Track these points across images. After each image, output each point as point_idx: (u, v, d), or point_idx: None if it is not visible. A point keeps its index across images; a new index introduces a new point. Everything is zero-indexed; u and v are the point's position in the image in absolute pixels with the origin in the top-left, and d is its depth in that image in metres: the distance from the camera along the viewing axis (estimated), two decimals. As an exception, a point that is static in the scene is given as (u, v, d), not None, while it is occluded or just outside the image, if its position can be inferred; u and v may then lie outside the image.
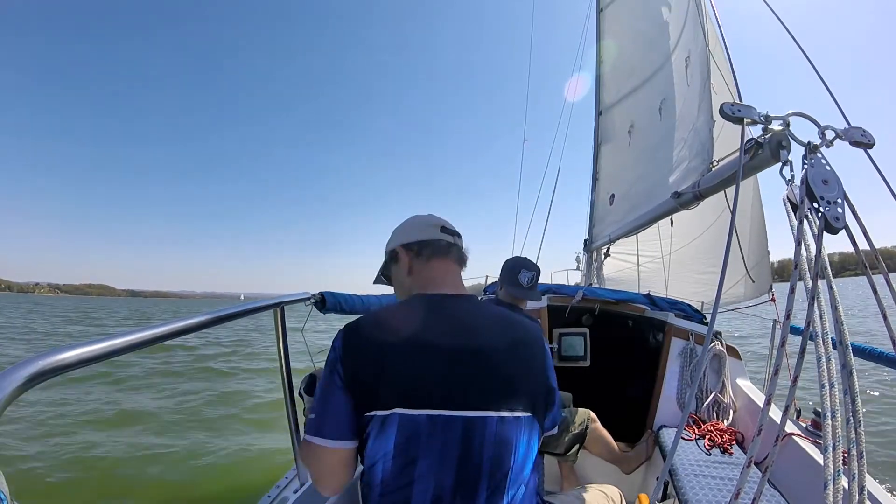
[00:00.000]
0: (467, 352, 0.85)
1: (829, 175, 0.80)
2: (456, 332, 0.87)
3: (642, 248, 4.63)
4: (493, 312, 0.95)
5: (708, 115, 2.06)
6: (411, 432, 0.81)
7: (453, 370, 0.83)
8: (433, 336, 0.86)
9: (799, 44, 1.49)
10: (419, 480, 0.80)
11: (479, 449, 0.81)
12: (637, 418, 2.35)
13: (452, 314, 0.91)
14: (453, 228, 1.06)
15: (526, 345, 0.91)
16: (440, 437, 0.81)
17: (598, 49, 4.58)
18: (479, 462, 0.81)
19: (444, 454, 0.80)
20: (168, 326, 0.74)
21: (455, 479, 0.80)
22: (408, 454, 0.81)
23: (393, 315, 0.91)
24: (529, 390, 0.87)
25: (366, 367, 0.83)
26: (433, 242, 1.00)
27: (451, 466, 0.80)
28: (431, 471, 0.80)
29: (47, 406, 5.63)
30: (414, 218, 1.08)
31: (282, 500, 1.17)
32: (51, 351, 0.54)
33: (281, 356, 1.14)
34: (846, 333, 0.72)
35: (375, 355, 0.84)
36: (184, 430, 5.07)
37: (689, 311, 2.51)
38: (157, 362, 9.05)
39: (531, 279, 1.87)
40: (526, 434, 0.85)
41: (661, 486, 0.74)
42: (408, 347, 0.84)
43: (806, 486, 1.41)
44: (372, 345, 0.85)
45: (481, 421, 0.81)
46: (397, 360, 0.83)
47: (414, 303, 0.94)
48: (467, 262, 1.07)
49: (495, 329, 0.90)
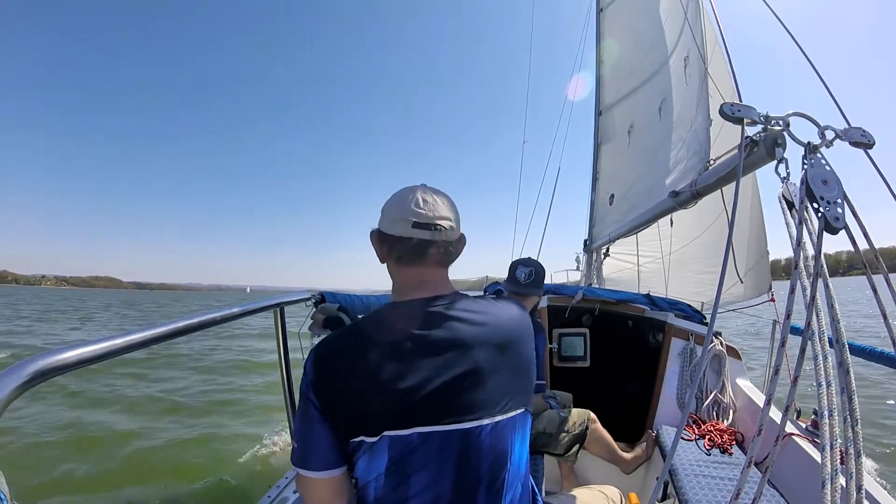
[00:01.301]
0: (452, 362, 0.79)
1: (828, 175, 0.80)
2: (437, 342, 0.80)
3: (642, 248, 4.64)
4: (475, 310, 0.85)
5: (705, 115, 2.06)
6: (404, 452, 0.76)
7: (440, 383, 0.77)
8: (414, 350, 0.79)
9: (799, 44, 1.49)
10: (415, 496, 0.77)
11: (476, 458, 0.78)
12: (637, 418, 2.35)
13: (431, 323, 0.81)
14: (431, 217, 0.85)
15: (512, 342, 0.85)
16: (435, 452, 0.77)
17: (598, 49, 4.59)
18: (476, 469, 0.78)
19: (441, 468, 0.77)
20: (168, 326, 0.74)
21: (453, 489, 0.77)
22: (401, 473, 0.77)
23: (368, 331, 0.83)
24: (520, 386, 0.84)
25: (343, 395, 0.77)
26: (402, 243, 0.85)
27: (448, 478, 0.77)
28: (427, 485, 0.77)
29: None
30: (396, 196, 0.89)
31: (282, 500, 1.17)
32: (51, 351, 0.54)
33: (281, 356, 1.14)
34: (843, 332, 0.73)
35: (352, 381, 0.77)
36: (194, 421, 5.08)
37: (689, 311, 2.51)
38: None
39: (528, 275, 1.85)
40: (521, 431, 0.84)
41: (661, 486, 0.74)
42: (387, 366, 0.77)
43: (806, 486, 1.41)
44: (347, 370, 0.78)
45: (476, 430, 0.78)
46: (377, 381, 0.76)
47: (390, 314, 0.85)
48: (460, 252, 0.92)
49: (479, 331, 0.82)
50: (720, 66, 2.31)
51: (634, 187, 3.32)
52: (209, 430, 5.11)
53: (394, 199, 0.89)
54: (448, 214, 0.87)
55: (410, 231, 0.84)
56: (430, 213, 0.85)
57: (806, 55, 1.42)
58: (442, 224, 0.85)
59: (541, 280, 1.88)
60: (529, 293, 1.86)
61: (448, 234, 0.86)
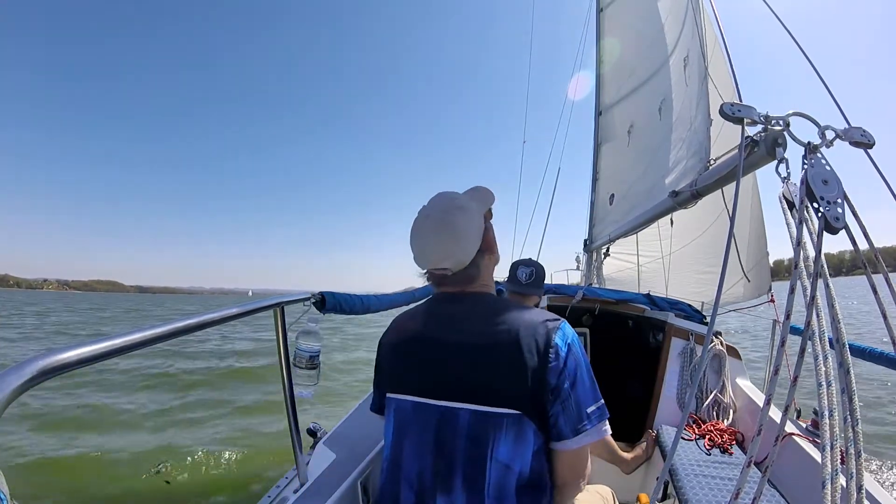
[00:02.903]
0: (450, 347, 0.91)
1: (829, 175, 0.80)
2: (446, 329, 0.94)
3: (642, 248, 4.63)
4: (489, 311, 0.93)
5: (705, 115, 2.06)
6: (402, 417, 0.94)
7: (435, 363, 0.92)
8: (427, 332, 0.97)
9: (799, 44, 1.49)
10: (406, 462, 0.91)
11: (451, 439, 0.86)
12: (637, 418, 2.35)
13: (448, 313, 0.98)
14: (431, 268, 0.97)
15: (509, 345, 0.86)
16: (420, 422, 0.90)
17: (599, 49, 4.58)
18: (452, 451, 0.86)
19: (423, 439, 0.89)
20: (168, 326, 0.74)
21: (433, 465, 0.87)
22: (399, 437, 0.93)
23: (404, 315, 1.08)
24: (513, 389, 0.85)
25: (380, 359, 1.05)
26: (426, 276, 1.03)
27: (429, 452, 0.88)
28: (414, 454, 0.90)
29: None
30: (414, 226, 1.00)
31: (282, 500, 1.17)
32: (51, 351, 0.54)
33: (281, 356, 1.14)
34: (843, 332, 0.73)
35: (385, 349, 1.04)
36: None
37: (689, 311, 2.50)
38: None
39: (529, 275, 1.88)
40: (512, 431, 0.84)
41: (661, 486, 0.74)
42: (403, 342, 1.00)
43: (806, 486, 1.41)
44: (386, 340, 1.05)
45: (453, 412, 0.87)
46: (396, 352, 1.01)
47: (423, 303, 1.08)
48: (488, 261, 1.01)
49: (485, 328, 0.90)
50: (720, 66, 2.31)
51: (634, 187, 3.32)
52: (209, 429, 5.11)
53: (413, 229, 1.01)
54: (445, 255, 0.95)
55: (424, 280, 1.04)
56: (428, 265, 0.99)
57: (806, 55, 1.42)
58: (442, 267, 0.96)
59: (541, 280, 1.91)
60: (530, 293, 1.89)
61: (455, 267, 0.96)
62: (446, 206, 0.97)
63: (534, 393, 0.84)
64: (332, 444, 1.40)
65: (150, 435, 4.91)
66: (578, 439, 0.86)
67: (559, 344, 0.87)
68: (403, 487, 0.91)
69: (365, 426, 1.49)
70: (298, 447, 1.21)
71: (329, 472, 1.27)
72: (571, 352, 0.88)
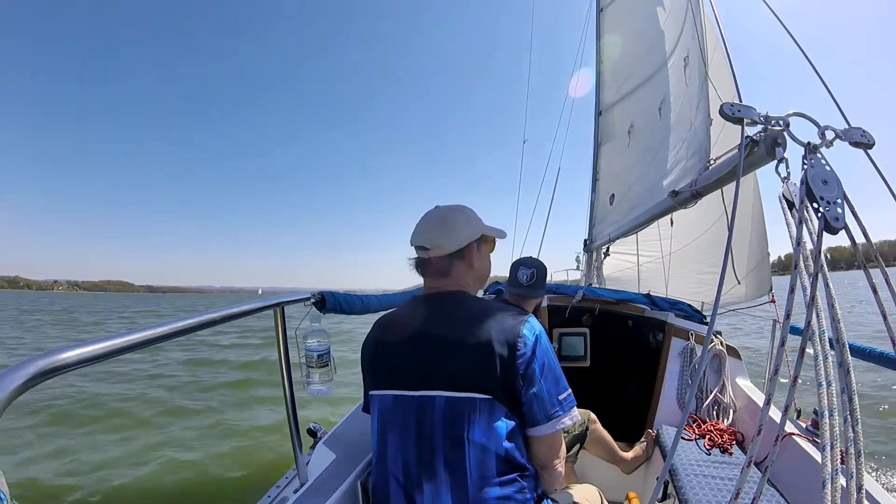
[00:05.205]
0: (427, 343, 0.98)
1: (828, 175, 0.80)
2: (424, 326, 1.02)
3: (642, 247, 4.63)
4: (463, 308, 1.03)
5: (705, 115, 2.06)
6: (385, 412, 1.00)
7: (414, 357, 0.99)
8: (406, 330, 1.03)
9: (798, 44, 1.48)
10: (391, 454, 0.97)
11: (430, 423, 0.93)
12: (637, 418, 2.35)
13: (425, 311, 1.06)
14: (417, 242, 1.09)
15: (482, 337, 0.94)
16: (401, 413, 0.97)
17: (598, 49, 4.58)
18: (431, 435, 0.92)
19: (405, 430, 0.95)
20: (168, 326, 0.74)
21: (416, 452, 0.93)
22: (384, 432, 0.99)
23: (385, 316, 1.14)
24: (485, 376, 0.92)
25: (364, 360, 1.10)
26: (412, 261, 1.12)
27: (411, 440, 0.94)
28: (398, 445, 0.96)
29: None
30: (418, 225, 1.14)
31: (282, 500, 1.17)
32: (51, 351, 0.54)
33: (281, 356, 1.14)
34: (843, 332, 0.73)
35: (368, 350, 1.09)
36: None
37: (689, 311, 2.50)
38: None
39: (530, 276, 1.79)
40: (485, 413, 0.91)
41: (661, 486, 0.74)
42: (383, 342, 1.06)
43: (806, 486, 1.41)
44: (369, 341, 1.09)
45: (430, 399, 0.94)
46: (377, 351, 1.06)
47: (403, 305, 1.15)
48: (466, 260, 1.09)
49: (459, 324, 0.99)
50: (720, 66, 2.30)
51: (634, 187, 3.32)
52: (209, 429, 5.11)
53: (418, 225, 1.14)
54: (432, 237, 1.07)
55: (410, 264, 1.12)
56: (415, 241, 1.09)
57: (806, 55, 1.42)
58: (423, 245, 1.07)
59: (543, 280, 1.83)
60: (532, 295, 1.81)
61: (435, 252, 1.06)
62: (455, 207, 1.13)
63: (504, 379, 0.92)
64: (332, 444, 1.40)
65: (150, 433, 4.91)
66: (551, 424, 0.96)
67: (527, 335, 0.96)
68: (392, 482, 0.97)
69: (365, 426, 1.49)
70: (298, 447, 1.21)
71: (329, 472, 1.27)
72: (539, 342, 0.97)
